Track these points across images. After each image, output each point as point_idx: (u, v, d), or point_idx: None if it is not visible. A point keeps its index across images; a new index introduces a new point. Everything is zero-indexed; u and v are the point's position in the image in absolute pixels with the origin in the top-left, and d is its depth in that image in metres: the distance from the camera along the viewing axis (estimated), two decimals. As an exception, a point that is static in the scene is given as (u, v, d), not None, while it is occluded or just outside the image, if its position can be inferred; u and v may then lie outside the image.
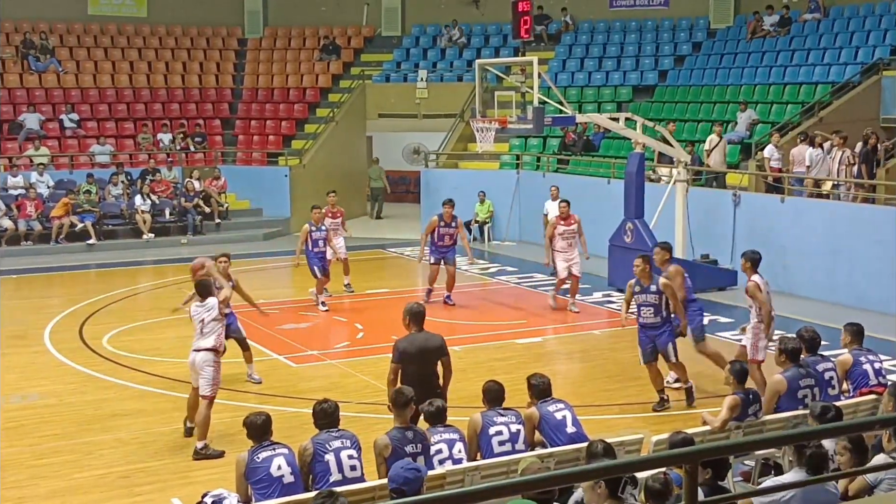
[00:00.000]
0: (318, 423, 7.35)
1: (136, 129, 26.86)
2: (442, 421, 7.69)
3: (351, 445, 7.23)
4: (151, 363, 12.95)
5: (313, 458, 7.12)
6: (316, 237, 16.31)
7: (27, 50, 27.50)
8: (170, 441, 10.11)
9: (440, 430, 7.59)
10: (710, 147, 20.29)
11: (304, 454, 7.17)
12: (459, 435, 7.65)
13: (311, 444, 7.18)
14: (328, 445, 7.15)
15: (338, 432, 7.29)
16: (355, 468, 7.16)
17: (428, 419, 7.66)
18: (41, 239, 22.39)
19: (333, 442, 7.19)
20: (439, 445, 7.48)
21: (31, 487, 8.92)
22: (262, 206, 25.87)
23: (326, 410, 7.37)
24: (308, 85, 28.95)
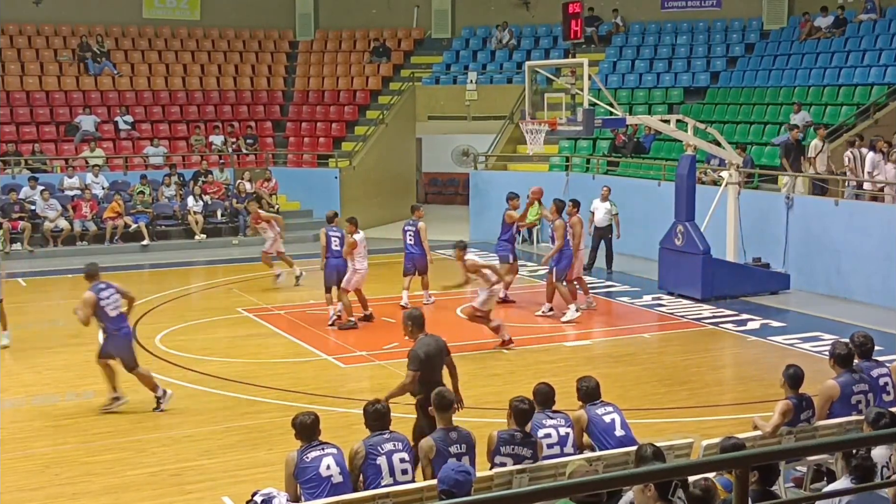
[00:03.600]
0: (370, 425, 7.35)
1: (188, 131, 27.20)
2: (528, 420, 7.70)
3: (403, 448, 7.23)
4: (203, 362, 13.10)
5: (365, 461, 7.13)
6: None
7: (84, 53, 27.96)
8: (221, 440, 10.21)
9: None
10: (815, 153, 19.27)
11: (355, 457, 7.18)
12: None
13: (362, 447, 7.19)
14: (380, 448, 7.15)
15: (389, 434, 7.29)
16: (406, 472, 7.16)
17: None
18: (96, 239, 22.75)
19: (385, 444, 7.18)
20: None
21: (84, 484, 9.06)
22: (312, 207, 26.03)
23: (379, 412, 7.36)
24: (358, 87, 29.10)
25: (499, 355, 13.63)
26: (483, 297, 13.90)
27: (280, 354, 13.72)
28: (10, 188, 22.89)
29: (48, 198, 22.72)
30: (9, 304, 16.66)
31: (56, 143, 25.82)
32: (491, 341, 14.22)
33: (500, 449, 7.27)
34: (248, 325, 15.48)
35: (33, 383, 12.29)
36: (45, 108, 26.52)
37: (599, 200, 19.73)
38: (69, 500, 8.67)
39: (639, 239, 20.19)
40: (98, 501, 8.63)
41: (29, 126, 25.95)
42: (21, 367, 12.95)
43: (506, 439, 7.29)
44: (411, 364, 8.64)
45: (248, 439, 10.20)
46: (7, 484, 8.97)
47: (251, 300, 17.07)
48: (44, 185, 23.08)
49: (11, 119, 25.89)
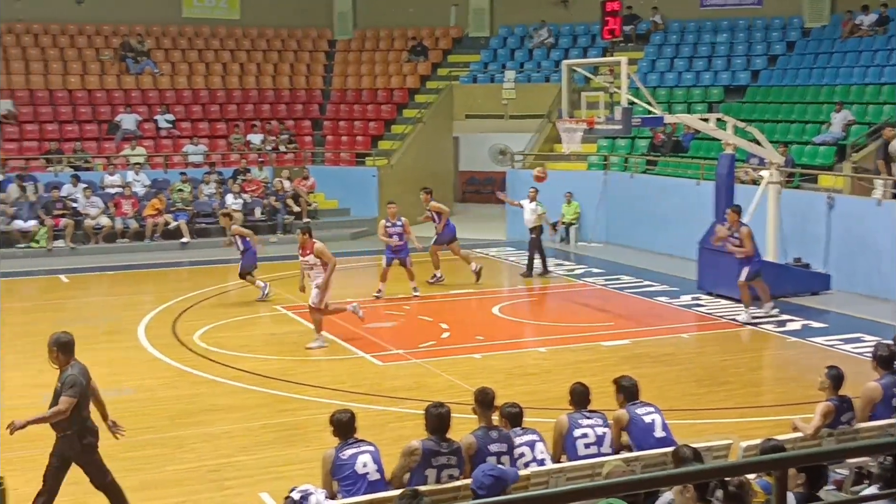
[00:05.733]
0: (430, 428, 7.18)
1: (228, 130, 27.40)
2: (521, 423, 7.66)
3: (457, 464, 7.07)
4: (241, 359, 13.18)
5: (418, 466, 7.02)
6: (391, 232, 17.15)
7: (125, 52, 28.26)
8: (258, 436, 10.27)
9: (519, 433, 7.57)
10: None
11: (412, 455, 7.08)
12: (539, 436, 7.62)
13: (420, 449, 7.08)
14: (433, 461, 7.02)
15: (447, 445, 7.07)
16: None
17: (512, 421, 7.65)
18: (136, 236, 22.98)
19: (440, 458, 7.03)
20: (521, 448, 7.46)
21: (123, 478, 9.11)
22: (349, 205, 26.12)
23: (437, 414, 7.18)
24: (396, 86, 29.15)
25: (535, 354, 13.61)
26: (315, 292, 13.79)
27: (317, 352, 13.77)
28: (53, 186, 23.18)
29: (90, 195, 22.99)
30: (51, 300, 16.90)
31: (98, 142, 26.13)
32: (529, 340, 14.21)
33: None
34: (285, 323, 15.57)
35: (74, 379, 12.40)
36: (87, 107, 26.83)
37: (527, 201, 19.50)
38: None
39: (677, 238, 20.06)
40: (137, 496, 8.69)
41: (71, 125, 26.27)
42: (62, 363, 13.08)
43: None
44: (72, 391, 7.76)
45: (286, 436, 10.26)
46: (48, 478, 9.06)
47: (289, 298, 17.15)
48: (86, 183, 23.35)
49: (54, 118, 26.24)
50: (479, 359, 13.36)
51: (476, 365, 13.04)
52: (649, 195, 21.90)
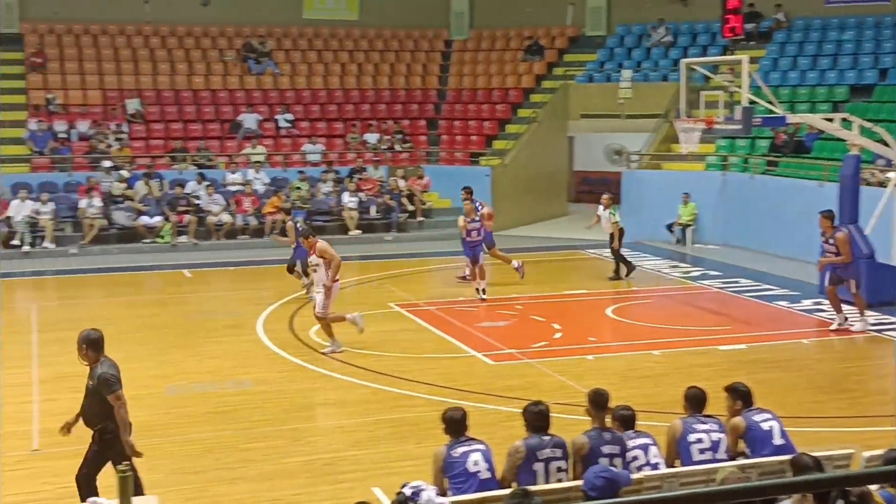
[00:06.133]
0: (531, 426, 7.27)
1: (345, 129, 27.82)
2: (634, 426, 7.59)
3: (562, 456, 7.14)
4: (355, 355, 13.37)
5: (524, 463, 7.06)
6: (470, 228, 17.12)
7: (247, 53, 28.97)
8: (372, 431, 10.41)
9: (632, 436, 7.50)
10: None
11: (514, 455, 7.12)
12: (652, 440, 7.53)
13: (523, 447, 7.13)
14: (538, 454, 7.09)
15: (549, 439, 7.18)
16: (561, 480, 7.11)
17: (625, 424, 7.58)
18: (256, 233, 23.53)
19: (545, 450, 7.11)
20: (635, 452, 7.38)
21: (242, 469, 9.38)
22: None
23: (538, 412, 7.29)
24: (511, 85, 29.15)
25: (649, 357, 13.44)
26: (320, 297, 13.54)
27: (430, 350, 13.88)
28: (177, 183, 23.93)
29: (212, 193, 23.65)
30: (174, 294, 17.44)
31: (220, 141, 26.85)
32: (643, 343, 14.06)
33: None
34: (399, 320, 15.73)
35: (195, 371, 12.80)
36: (210, 107, 27.61)
37: (602, 208, 19.16)
38: (228, 485, 8.99)
39: (799, 241, 19.54)
40: (255, 487, 8.92)
41: (195, 124, 27.07)
42: (184, 356, 13.52)
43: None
44: (115, 386, 7.74)
45: (398, 432, 10.37)
46: (170, 467, 9.38)
47: (402, 295, 17.33)
48: (209, 181, 24.03)
49: (179, 117, 27.08)
50: (592, 360, 13.27)
51: (588, 366, 12.96)
52: (770, 197, 21.38)
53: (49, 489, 8.77)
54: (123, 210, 22.94)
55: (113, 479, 7.90)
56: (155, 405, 11.30)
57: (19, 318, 16.39)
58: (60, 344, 14.08)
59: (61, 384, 12.08)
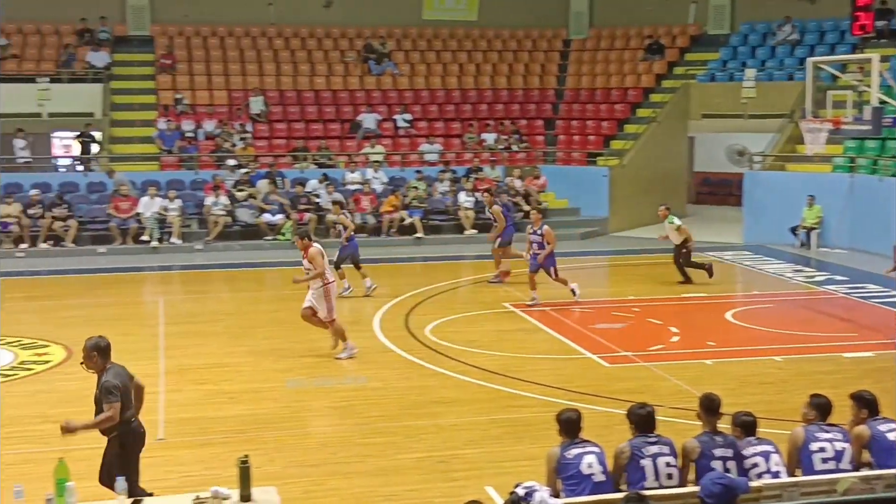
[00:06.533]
0: (636, 428, 7.28)
1: (462, 129, 27.95)
2: (754, 433, 7.43)
3: (669, 452, 7.13)
4: (470, 354, 13.43)
5: (629, 462, 7.08)
6: (532, 239, 16.72)
7: (367, 54, 29.39)
8: (486, 431, 10.43)
9: (754, 442, 7.34)
10: None
11: (619, 456, 7.15)
12: (774, 447, 7.36)
13: (627, 447, 7.15)
14: (644, 451, 7.10)
15: (654, 437, 7.22)
16: (672, 476, 7.05)
17: (746, 430, 7.43)
18: (374, 231, 23.85)
19: (650, 447, 7.11)
20: (755, 459, 7.23)
21: (358, 464, 9.52)
22: (580, 205, 26.07)
23: (645, 414, 7.29)
24: (630, 85, 28.83)
25: (770, 363, 13.12)
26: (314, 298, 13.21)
27: (544, 350, 13.84)
28: (298, 181, 24.43)
29: (332, 191, 24.06)
30: (295, 291, 17.76)
31: (340, 140, 27.30)
32: (764, 348, 13.74)
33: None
34: (513, 320, 15.73)
35: (314, 366, 13.04)
36: (331, 107, 28.10)
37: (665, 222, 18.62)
38: (343, 479, 9.14)
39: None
40: (370, 482, 9.04)
41: (316, 123, 27.59)
42: (303, 351, 13.77)
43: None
44: (112, 397, 7.62)
45: (512, 432, 10.37)
46: (288, 459, 9.58)
47: (517, 295, 17.32)
48: (329, 180, 24.45)
49: (301, 117, 27.65)
50: (711, 364, 13.02)
51: (707, 371, 12.73)
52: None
53: (173, 477, 9.06)
54: (247, 208, 23.53)
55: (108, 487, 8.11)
56: (275, 398, 11.56)
57: (147, 311, 16.99)
58: (185, 337, 14.58)
59: (185, 376, 12.49)
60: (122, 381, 7.69)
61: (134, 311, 16.89)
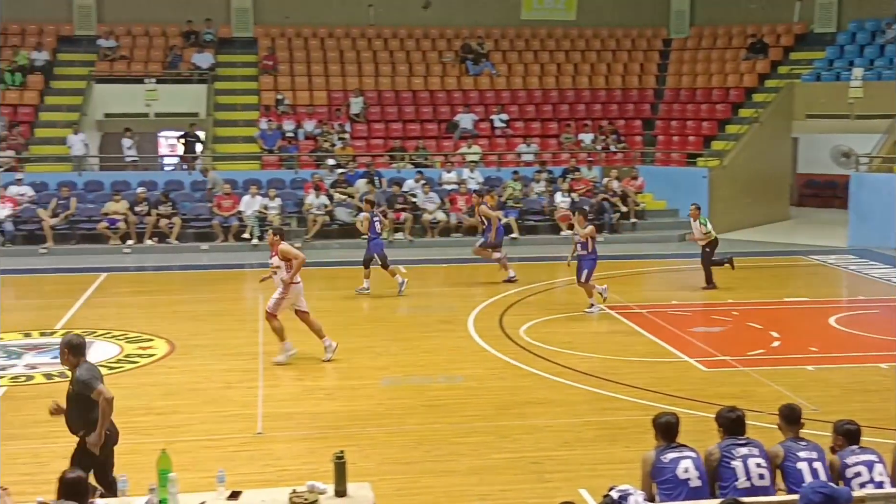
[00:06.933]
0: (726, 431, 7.22)
1: (559, 129, 27.82)
2: (858, 441, 7.26)
3: (759, 454, 7.04)
4: (564, 355, 13.36)
5: (719, 464, 7.03)
6: (577, 240, 16.31)
7: (465, 54, 29.47)
8: (580, 432, 10.37)
9: (857, 451, 7.16)
10: None
11: (710, 458, 7.09)
12: (878, 456, 7.16)
13: (717, 450, 7.10)
14: (734, 452, 7.03)
15: (744, 440, 7.14)
16: (763, 477, 6.95)
17: (849, 438, 7.26)
18: (469, 231, 23.88)
19: (740, 449, 7.05)
20: (858, 468, 7.06)
21: (451, 462, 9.56)
22: (678, 206, 25.68)
23: (735, 418, 7.21)
24: (732, 85, 28.32)
25: (876, 370, 12.75)
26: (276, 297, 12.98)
27: (640, 353, 13.69)
28: (394, 181, 24.63)
29: (428, 191, 24.21)
30: (390, 289, 17.93)
31: (437, 140, 27.44)
32: (869, 355, 13.36)
33: None
34: (609, 322, 15.60)
35: (409, 364, 13.14)
36: (428, 107, 28.26)
37: (692, 220, 18.06)
38: (437, 477, 9.18)
39: None
40: (463, 481, 9.07)
41: (414, 123, 27.79)
42: (400, 349, 13.90)
43: None
44: (94, 383, 7.57)
45: (607, 434, 10.29)
46: (383, 456, 9.67)
47: (614, 297, 17.16)
48: (425, 179, 24.61)
49: (399, 117, 27.88)
50: (812, 371, 12.72)
51: (808, 377, 12.43)
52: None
53: (270, 471, 9.23)
54: (345, 207, 23.82)
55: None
56: (371, 395, 11.69)
57: (247, 307, 17.33)
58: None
59: (284, 371, 12.71)
60: (94, 375, 7.69)
61: (234, 307, 17.25)
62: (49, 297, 18.11)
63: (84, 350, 7.84)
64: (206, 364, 12.99)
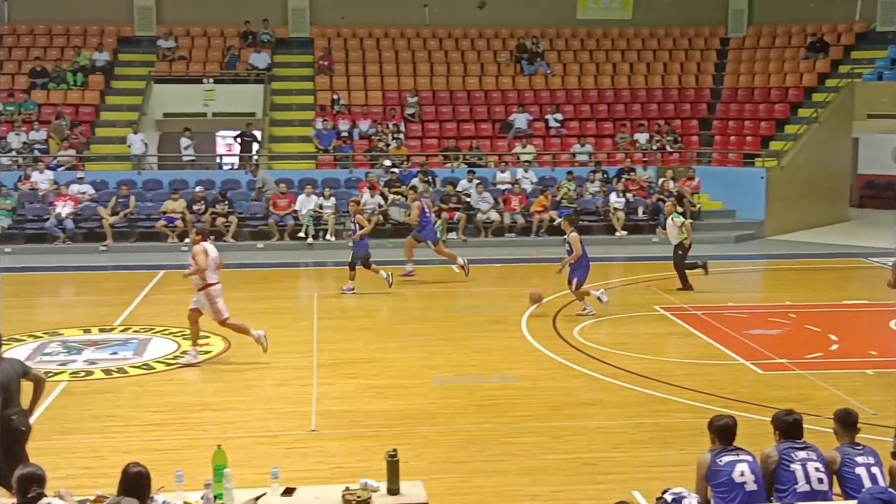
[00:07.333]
0: (783, 435, 7.14)
1: (614, 129, 27.66)
2: None
3: (817, 458, 6.96)
4: (618, 357, 13.28)
5: (777, 467, 6.95)
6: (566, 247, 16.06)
7: (520, 54, 29.42)
8: (633, 434, 10.30)
9: None
10: None
11: (767, 461, 7.01)
12: None
13: (774, 452, 7.01)
14: (793, 455, 6.95)
15: (802, 444, 7.05)
16: (822, 481, 6.86)
17: None
18: (523, 231, 23.86)
19: (798, 452, 6.97)
20: None
21: (503, 462, 9.55)
22: (735, 207, 25.43)
23: (792, 421, 7.14)
24: (791, 84, 27.95)
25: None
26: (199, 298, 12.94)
27: (695, 355, 13.57)
28: (448, 181, 24.66)
29: (482, 191, 24.20)
30: (444, 288, 17.97)
31: (491, 140, 27.43)
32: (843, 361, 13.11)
33: None
34: (664, 324, 15.47)
35: (461, 363, 13.14)
36: (483, 107, 28.26)
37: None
38: (488, 476, 9.18)
39: None
40: (515, 481, 9.05)
41: (468, 123, 27.80)
42: (452, 348, 13.91)
43: None
44: None
45: (660, 437, 10.21)
46: (434, 455, 9.69)
47: (669, 299, 17.03)
48: (479, 179, 24.61)
49: (453, 116, 27.92)
50: (872, 375, 12.50)
51: (868, 381, 12.22)
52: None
53: (324, 468, 9.29)
54: (398, 206, 23.91)
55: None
56: (422, 394, 11.72)
57: (302, 305, 17.47)
58: (338, 331, 14.93)
59: (338, 369, 12.79)
60: (5, 376, 7.65)
61: (289, 305, 17.41)
62: (108, 293, 18.40)
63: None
64: (261, 361, 13.11)
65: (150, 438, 10.13)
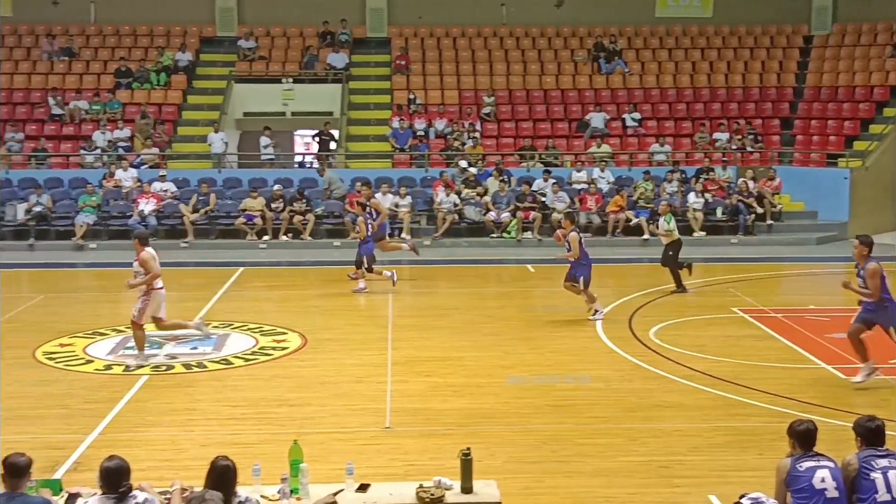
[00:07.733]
0: (864, 441, 6.98)
1: (693, 129, 27.31)
2: None
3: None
4: (694, 359, 13.12)
5: (858, 475, 6.79)
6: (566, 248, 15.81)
7: (597, 53, 29.23)
8: (710, 437, 10.17)
9: None
10: None
11: (847, 468, 6.86)
12: None
13: (855, 460, 6.86)
14: (874, 464, 6.78)
15: (884, 451, 6.88)
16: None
17: None
18: (598, 231, 23.69)
19: (880, 461, 6.80)
20: None
21: (577, 463, 9.50)
22: (817, 208, 24.93)
23: (874, 428, 6.96)
24: (876, 83, 27.29)
25: None
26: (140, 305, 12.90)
27: (774, 358, 13.33)
28: (524, 180, 24.62)
29: (557, 190, 24.10)
30: (518, 288, 17.93)
31: (567, 139, 27.30)
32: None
33: None
34: (742, 326, 15.24)
35: (536, 363, 13.11)
36: (559, 106, 28.14)
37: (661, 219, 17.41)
38: (563, 477, 9.14)
39: None
40: (590, 482, 9.00)
41: (544, 122, 27.70)
42: (526, 348, 13.89)
43: None
44: None
45: (738, 441, 10.06)
46: (509, 454, 9.67)
47: (747, 301, 16.77)
48: (555, 179, 24.51)
49: (529, 116, 27.84)
50: (959, 382, 12.16)
51: (954, 388, 11.89)
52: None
53: (398, 465, 9.35)
54: (474, 205, 23.94)
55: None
56: (497, 394, 11.71)
57: (377, 303, 17.58)
58: (412, 330, 15.01)
59: (412, 367, 12.85)
60: None
61: (365, 303, 17.55)
62: (189, 289, 18.73)
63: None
64: (337, 358, 13.25)
65: (228, 432, 10.31)
